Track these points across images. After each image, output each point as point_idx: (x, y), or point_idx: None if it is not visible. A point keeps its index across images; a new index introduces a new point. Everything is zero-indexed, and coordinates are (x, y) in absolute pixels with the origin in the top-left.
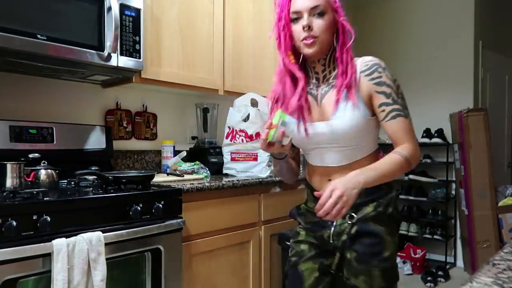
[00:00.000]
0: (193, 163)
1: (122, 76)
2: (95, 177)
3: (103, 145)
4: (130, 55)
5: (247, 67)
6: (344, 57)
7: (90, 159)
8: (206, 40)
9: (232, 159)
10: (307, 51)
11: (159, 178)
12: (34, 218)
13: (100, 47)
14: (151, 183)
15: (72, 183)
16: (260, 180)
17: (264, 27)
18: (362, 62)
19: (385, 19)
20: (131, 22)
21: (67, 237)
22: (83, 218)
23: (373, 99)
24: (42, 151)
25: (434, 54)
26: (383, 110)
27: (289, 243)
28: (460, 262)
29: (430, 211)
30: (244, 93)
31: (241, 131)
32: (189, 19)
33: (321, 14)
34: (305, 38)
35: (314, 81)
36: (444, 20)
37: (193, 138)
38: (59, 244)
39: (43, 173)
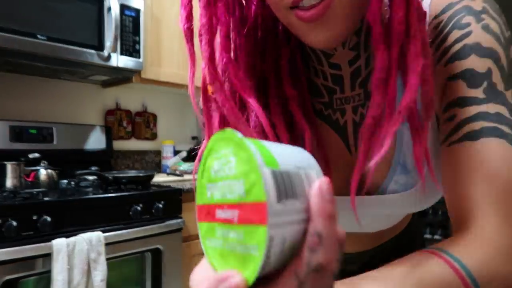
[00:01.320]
0: (193, 163)
1: (122, 76)
2: (95, 177)
3: (103, 145)
4: (130, 55)
5: None
6: (397, 19)
7: (90, 159)
8: None
9: None
10: (314, 37)
11: (159, 178)
12: (34, 218)
13: (100, 47)
14: (151, 183)
15: (72, 183)
16: None
17: None
18: (434, 23)
19: None
20: (131, 22)
21: (67, 237)
22: (83, 218)
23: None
24: (42, 151)
25: None
26: (451, 117)
27: None
28: None
29: (430, 211)
30: None
31: None
32: None
33: None
34: (298, 0)
35: (329, 83)
36: None
37: (193, 138)
38: (59, 244)
39: (43, 173)
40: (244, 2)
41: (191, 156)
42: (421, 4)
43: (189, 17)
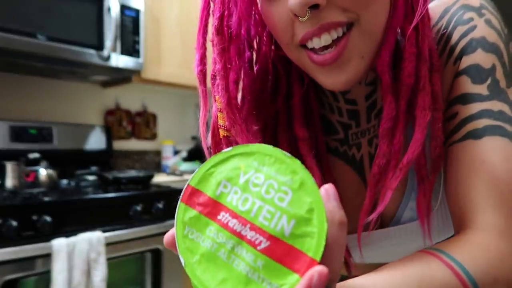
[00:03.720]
0: (193, 163)
1: (122, 76)
2: (95, 177)
3: (103, 145)
4: (130, 55)
5: None
6: (408, 54)
7: (90, 159)
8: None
9: None
10: (329, 80)
11: (159, 178)
12: (34, 218)
13: (100, 47)
14: (151, 183)
15: (72, 183)
16: None
17: None
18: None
19: None
20: (131, 22)
21: (67, 237)
22: (83, 218)
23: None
24: (42, 151)
25: None
26: (454, 115)
27: None
28: None
29: None
30: None
31: None
32: (189, 19)
33: None
34: (306, 39)
35: (344, 119)
36: None
37: (193, 138)
38: (59, 244)
39: (43, 173)
40: (255, 44)
41: (191, 156)
42: (436, 58)
43: (202, 60)
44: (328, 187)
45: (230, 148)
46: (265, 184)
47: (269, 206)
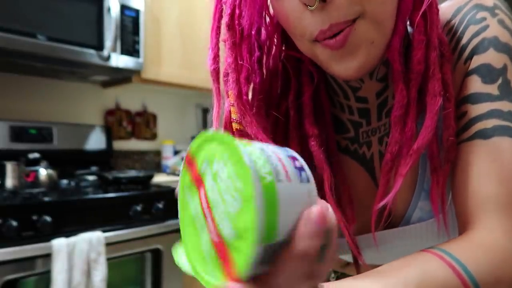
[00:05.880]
0: None
1: (122, 76)
2: (95, 177)
3: (103, 145)
4: (130, 55)
5: None
6: (420, 48)
7: (90, 159)
8: (206, 40)
9: None
10: (342, 67)
11: (159, 178)
12: (34, 218)
13: (100, 47)
14: (151, 183)
15: (72, 183)
16: None
17: None
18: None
19: None
20: (131, 22)
21: (67, 237)
22: (83, 218)
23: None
24: (42, 151)
25: None
26: (463, 114)
27: None
28: None
29: None
30: None
31: None
32: (189, 19)
33: None
34: (320, 37)
35: (355, 117)
36: None
37: (193, 138)
38: (59, 244)
39: (43, 173)
40: (265, 47)
41: None
42: (447, 49)
43: (215, 59)
44: (315, 209)
45: (212, 131)
46: (226, 183)
47: (224, 206)
